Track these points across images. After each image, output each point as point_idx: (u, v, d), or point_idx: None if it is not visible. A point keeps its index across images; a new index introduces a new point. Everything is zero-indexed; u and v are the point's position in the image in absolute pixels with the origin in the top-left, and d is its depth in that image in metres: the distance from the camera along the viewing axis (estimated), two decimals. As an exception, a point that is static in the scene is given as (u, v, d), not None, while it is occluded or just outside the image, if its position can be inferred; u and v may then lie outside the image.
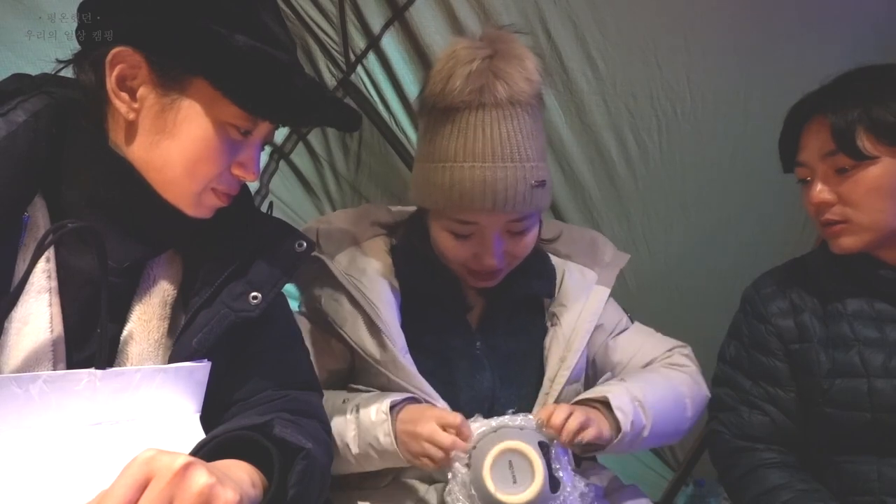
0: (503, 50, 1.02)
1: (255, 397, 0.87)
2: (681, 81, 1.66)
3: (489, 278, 1.12)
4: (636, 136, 1.74)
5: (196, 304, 0.80)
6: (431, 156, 1.05)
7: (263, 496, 0.70)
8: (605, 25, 1.61)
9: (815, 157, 1.10)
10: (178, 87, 0.76)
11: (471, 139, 1.01)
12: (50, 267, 0.75)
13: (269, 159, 1.87)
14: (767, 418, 1.19)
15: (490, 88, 1.00)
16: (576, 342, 1.16)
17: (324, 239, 1.14)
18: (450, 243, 1.08)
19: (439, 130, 1.03)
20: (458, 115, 1.01)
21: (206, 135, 0.77)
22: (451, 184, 1.01)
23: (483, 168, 1.00)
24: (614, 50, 1.63)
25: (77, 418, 0.72)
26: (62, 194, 0.77)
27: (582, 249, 1.27)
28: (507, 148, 1.01)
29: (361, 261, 1.14)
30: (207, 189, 0.81)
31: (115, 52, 0.74)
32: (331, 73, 1.79)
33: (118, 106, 0.76)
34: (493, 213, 1.02)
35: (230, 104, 0.77)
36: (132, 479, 0.58)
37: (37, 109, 0.77)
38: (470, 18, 1.63)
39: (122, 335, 0.80)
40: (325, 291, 1.13)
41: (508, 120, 1.01)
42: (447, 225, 1.06)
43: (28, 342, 0.73)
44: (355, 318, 1.09)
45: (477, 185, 1.00)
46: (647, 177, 1.78)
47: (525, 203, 1.03)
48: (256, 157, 0.84)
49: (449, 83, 1.00)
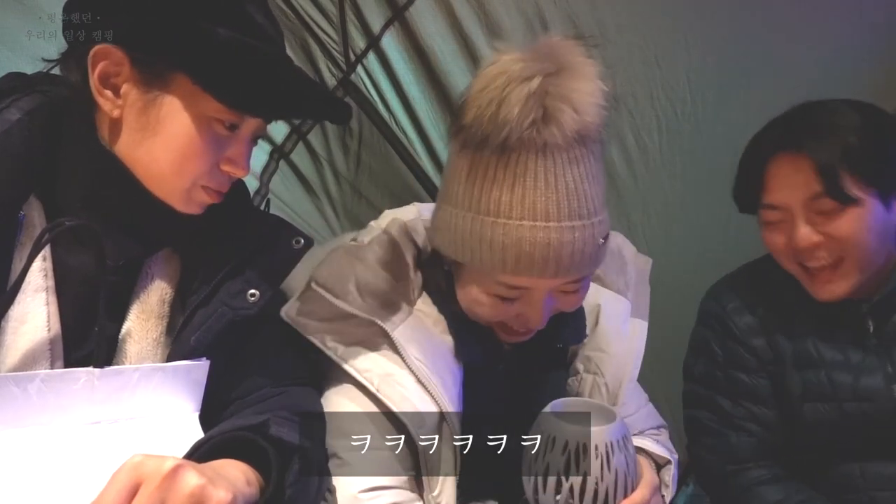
0: (570, 65, 0.82)
1: (253, 395, 0.87)
2: (681, 81, 1.65)
3: (526, 335, 0.97)
4: (636, 136, 1.74)
5: (194, 302, 0.80)
6: (477, 205, 0.85)
7: (261, 496, 0.70)
8: (605, 25, 1.60)
9: (794, 199, 1.05)
10: (160, 82, 0.75)
11: (531, 191, 0.82)
12: (46, 265, 0.75)
13: (268, 159, 1.87)
14: (754, 438, 1.17)
15: (556, 117, 0.80)
16: (621, 395, 1.05)
17: (369, 296, 0.93)
18: (489, 304, 0.91)
19: (488, 174, 0.84)
20: (513, 156, 0.82)
21: (188, 131, 0.76)
22: (504, 245, 0.83)
23: (547, 230, 0.82)
24: (614, 50, 1.63)
25: (75, 417, 0.72)
26: (57, 193, 0.77)
27: (612, 265, 1.13)
28: (575, 201, 0.83)
29: (421, 338, 0.94)
30: (196, 186, 0.80)
31: (96, 49, 0.74)
32: (331, 73, 1.79)
33: (102, 103, 0.76)
34: (556, 279, 0.87)
35: (212, 99, 0.75)
36: (121, 486, 0.58)
37: (31, 108, 0.77)
38: (470, 18, 1.63)
39: (121, 334, 0.80)
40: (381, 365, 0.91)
41: (575, 165, 0.83)
42: (490, 287, 0.89)
43: (25, 341, 0.73)
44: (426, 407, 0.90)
45: (539, 248, 0.83)
46: (647, 177, 1.78)
47: (592, 264, 0.89)
48: (246, 152, 0.82)
49: (502, 110, 0.79)
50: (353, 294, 0.93)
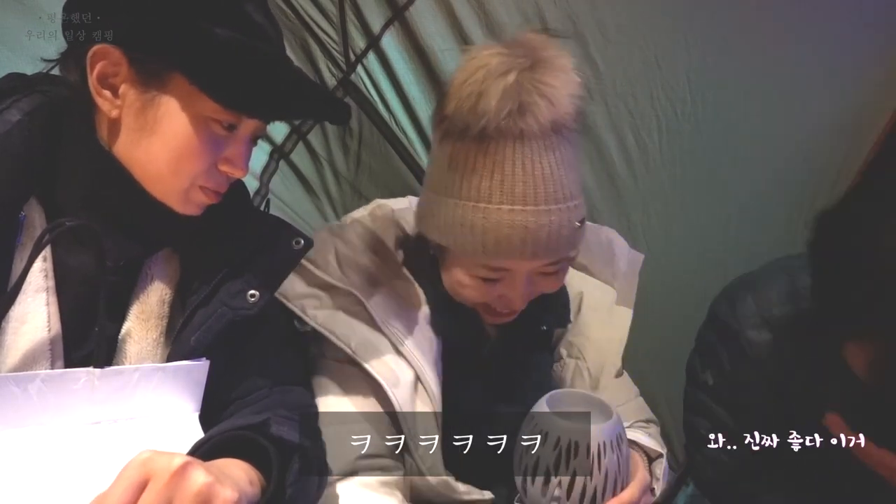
0: (544, 59, 0.87)
1: (253, 395, 0.88)
2: (681, 81, 1.65)
3: (509, 316, 1.01)
4: (636, 136, 1.74)
5: (194, 302, 0.80)
6: (458, 191, 0.90)
7: (262, 495, 0.70)
8: (605, 25, 1.61)
9: None
10: (157, 82, 0.75)
11: (509, 177, 0.87)
12: (46, 266, 0.75)
13: (268, 159, 1.87)
14: (756, 457, 1.07)
15: (532, 109, 0.85)
16: (604, 379, 1.08)
17: (349, 268, 0.99)
18: (472, 286, 0.96)
19: (468, 162, 0.89)
20: (492, 145, 0.87)
21: (186, 131, 0.76)
22: (484, 228, 0.88)
23: (525, 213, 0.87)
24: (614, 50, 1.63)
25: (75, 417, 0.72)
26: (57, 193, 0.77)
27: (599, 255, 1.18)
28: (551, 186, 0.88)
29: (398, 308, 0.98)
30: (194, 186, 0.80)
31: (95, 49, 0.74)
32: (331, 73, 1.79)
33: (101, 104, 0.76)
34: (534, 260, 0.91)
35: (209, 99, 0.75)
36: (130, 481, 0.58)
37: (31, 109, 0.77)
38: (470, 18, 1.63)
39: (120, 334, 0.80)
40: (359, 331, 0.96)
41: (551, 152, 0.88)
42: (472, 269, 0.94)
43: (25, 341, 0.73)
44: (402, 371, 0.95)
45: (517, 231, 0.87)
46: (647, 177, 1.78)
47: (568, 246, 0.93)
48: (245, 152, 0.82)
49: (481, 102, 0.85)
50: (333, 265, 0.99)
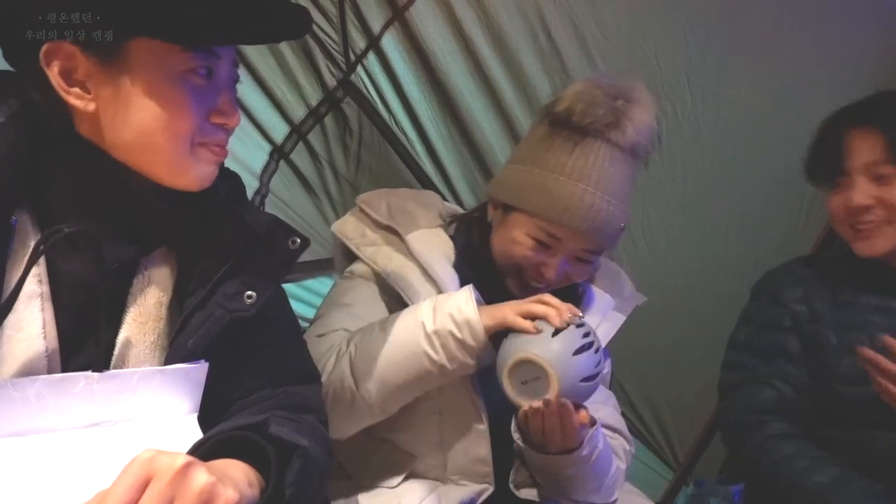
0: (641, 100, 1.12)
1: (254, 395, 0.87)
2: (681, 81, 1.66)
3: (534, 291, 1.13)
4: (636, 136, 1.74)
5: (191, 305, 0.79)
6: (546, 163, 1.11)
7: (261, 496, 0.70)
8: (605, 25, 1.61)
9: (859, 165, 1.18)
10: (118, 58, 0.72)
11: (590, 164, 1.09)
12: (40, 271, 0.73)
13: (268, 159, 1.87)
14: (776, 392, 1.24)
15: (623, 128, 1.09)
16: None
17: (398, 213, 1.22)
18: (524, 245, 1.12)
19: (563, 145, 1.11)
20: (586, 138, 1.10)
21: (166, 92, 0.74)
22: (559, 196, 1.08)
23: (593, 195, 1.08)
24: (614, 50, 1.63)
25: (75, 421, 0.71)
26: (47, 196, 0.75)
27: (605, 275, 1.31)
28: (616, 186, 1.10)
29: (430, 246, 1.19)
30: (196, 146, 0.78)
31: (44, 50, 0.71)
32: (331, 73, 1.80)
33: (73, 102, 0.73)
34: (584, 235, 1.10)
35: (172, 49, 0.72)
36: (132, 479, 0.57)
37: (16, 111, 0.74)
38: (470, 18, 1.63)
39: (118, 338, 0.79)
40: (395, 261, 1.17)
41: (622, 164, 1.11)
42: (533, 230, 1.11)
43: (22, 349, 0.72)
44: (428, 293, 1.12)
45: (583, 205, 1.08)
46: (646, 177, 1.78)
47: (610, 238, 1.14)
48: (231, 98, 0.80)
49: (590, 108, 1.08)
50: (383, 209, 1.22)
